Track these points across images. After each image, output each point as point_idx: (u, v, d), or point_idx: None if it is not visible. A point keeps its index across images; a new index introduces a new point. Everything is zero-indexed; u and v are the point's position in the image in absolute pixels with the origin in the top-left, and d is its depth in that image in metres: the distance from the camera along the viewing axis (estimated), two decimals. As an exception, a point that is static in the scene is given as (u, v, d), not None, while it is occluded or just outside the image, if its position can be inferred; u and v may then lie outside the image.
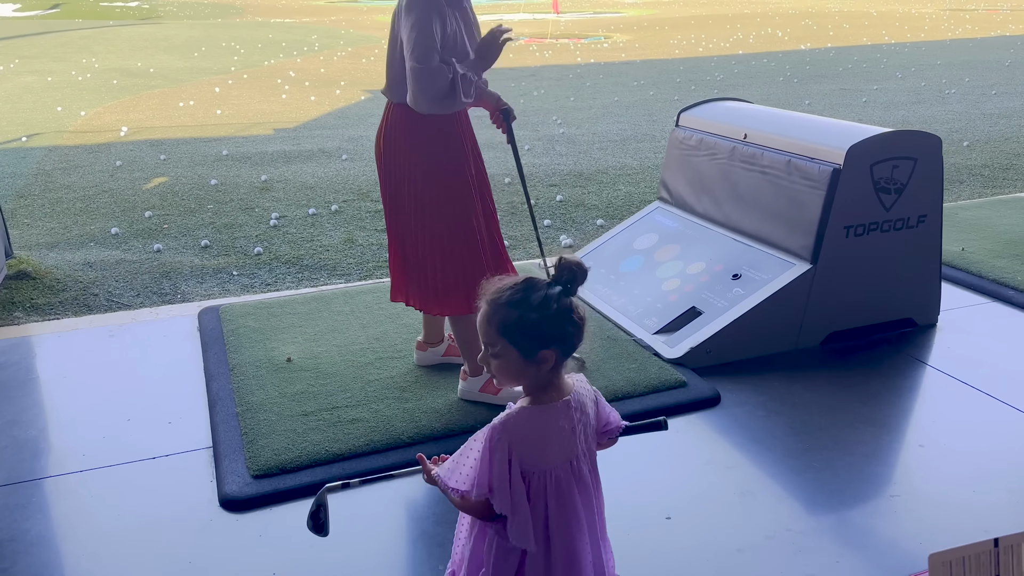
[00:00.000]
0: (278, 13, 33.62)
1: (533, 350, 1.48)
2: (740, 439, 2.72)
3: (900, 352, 3.28)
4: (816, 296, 3.20)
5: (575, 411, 1.54)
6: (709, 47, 18.50)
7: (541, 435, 1.51)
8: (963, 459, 2.56)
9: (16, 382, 3.17)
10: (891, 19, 26.43)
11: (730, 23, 25.67)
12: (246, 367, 3.15)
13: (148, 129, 8.85)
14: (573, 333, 1.50)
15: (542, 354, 1.48)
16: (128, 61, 15.82)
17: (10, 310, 3.88)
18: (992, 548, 1.01)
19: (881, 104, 10.06)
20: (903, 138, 3.19)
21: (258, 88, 12.34)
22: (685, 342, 3.19)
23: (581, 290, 1.53)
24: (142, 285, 4.26)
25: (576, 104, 10.73)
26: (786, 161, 3.29)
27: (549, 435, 1.51)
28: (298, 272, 4.46)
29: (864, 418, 2.80)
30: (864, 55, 16.14)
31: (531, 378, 1.52)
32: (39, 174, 6.73)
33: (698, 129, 3.86)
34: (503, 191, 6.08)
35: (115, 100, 11.05)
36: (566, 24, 26.85)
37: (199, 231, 5.20)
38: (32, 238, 5.05)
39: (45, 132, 8.65)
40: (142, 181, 6.51)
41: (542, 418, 1.51)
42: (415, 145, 2.67)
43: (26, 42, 19.98)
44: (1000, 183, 6.06)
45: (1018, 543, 1.01)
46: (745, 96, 10.73)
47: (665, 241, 3.84)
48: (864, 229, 3.18)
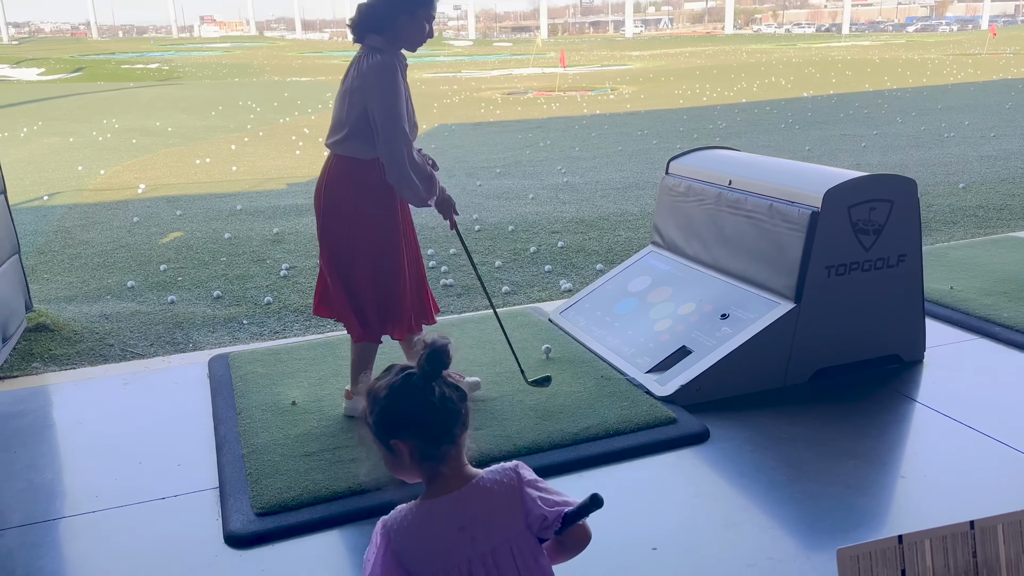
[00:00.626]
0: (294, 72, 34.57)
1: (386, 440, 1.38)
2: (727, 473, 2.80)
3: (886, 388, 3.37)
4: (801, 334, 3.31)
5: (467, 506, 1.37)
6: (713, 96, 18.85)
7: (423, 535, 1.37)
8: (945, 491, 2.63)
9: (34, 429, 3.31)
10: (894, 65, 26.83)
11: (734, 72, 26.15)
12: (253, 411, 3.28)
13: (165, 186, 9.15)
14: (432, 419, 1.35)
15: (394, 444, 1.36)
16: (147, 121, 16.34)
17: (29, 361, 4.05)
18: (897, 544, 1.10)
19: (880, 148, 10.24)
20: (879, 182, 3.33)
21: (273, 145, 12.71)
22: (675, 380, 3.29)
23: (579, 332, 1.54)
24: (156, 335, 4.42)
25: (581, 154, 10.99)
26: (768, 205, 3.43)
27: (431, 536, 1.36)
28: (306, 320, 4.61)
29: (848, 451, 2.88)
30: (866, 101, 16.41)
31: (409, 470, 1.39)
32: (59, 231, 6.98)
33: (686, 176, 4.02)
34: (506, 239, 6.26)
35: (134, 159, 11.42)
36: (574, 77, 27.44)
37: (212, 283, 5.38)
38: (51, 292, 5.25)
39: (66, 191, 8.96)
40: (158, 236, 6.74)
41: (420, 516, 1.38)
42: (355, 196, 2.96)
43: (50, 104, 20.68)
44: (994, 223, 6.16)
45: (921, 540, 1.09)
46: (747, 143, 10.97)
47: (658, 283, 3.96)
48: (845, 269, 3.30)
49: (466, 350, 3.78)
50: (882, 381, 3.42)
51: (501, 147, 11.94)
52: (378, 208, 2.98)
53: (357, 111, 2.87)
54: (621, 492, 2.67)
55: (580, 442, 2.96)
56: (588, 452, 2.90)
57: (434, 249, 5.98)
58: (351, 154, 2.92)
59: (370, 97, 2.82)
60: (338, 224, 3.00)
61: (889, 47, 42.07)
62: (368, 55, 2.88)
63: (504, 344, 3.84)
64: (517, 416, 3.14)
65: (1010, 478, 2.67)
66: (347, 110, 2.90)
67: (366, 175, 2.94)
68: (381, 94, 2.81)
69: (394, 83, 2.82)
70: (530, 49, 51.24)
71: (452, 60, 42.94)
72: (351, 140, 2.91)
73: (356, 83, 2.86)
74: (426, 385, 1.34)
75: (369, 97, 2.82)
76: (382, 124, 2.82)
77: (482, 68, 35.44)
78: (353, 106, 2.88)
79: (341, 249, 3.01)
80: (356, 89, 2.86)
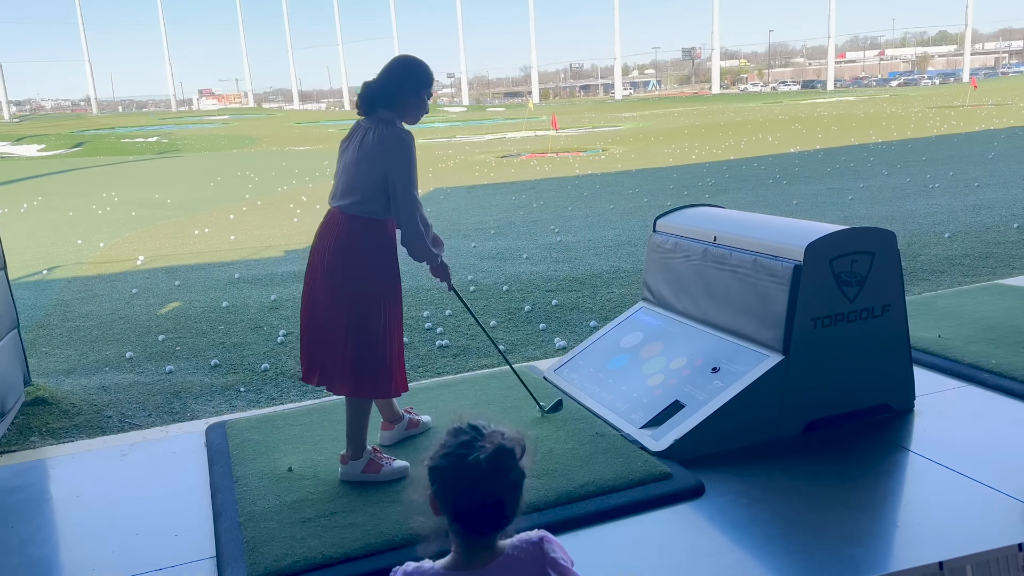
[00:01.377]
0: (292, 142, 35.21)
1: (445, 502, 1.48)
2: (723, 527, 2.81)
3: (878, 437, 3.39)
4: (791, 385, 3.35)
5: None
6: (701, 154, 19.22)
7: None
8: (940, 539, 2.64)
9: (31, 503, 3.31)
10: (878, 119, 27.41)
11: (722, 131, 26.69)
12: (249, 478, 3.29)
13: (164, 257, 9.27)
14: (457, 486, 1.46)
15: (430, 496, 1.48)
16: (147, 193, 16.60)
17: (27, 435, 4.07)
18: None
19: (866, 201, 10.42)
20: (859, 234, 3.42)
21: (271, 213, 12.90)
22: (669, 435, 3.32)
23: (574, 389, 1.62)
24: (154, 405, 4.45)
25: (573, 213, 11.17)
26: (752, 260, 3.51)
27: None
28: (302, 385, 4.64)
29: (843, 502, 2.89)
30: (851, 155, 16.74)
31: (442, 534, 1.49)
32: (58, 304, 7.06)
33: (673, 233, 4.11)
34: (501, 298, 6.33)
35: (133, 231, 11.58)
36: (566, 139, 28.00)
37: (209, 351, 5.43)
38: (50, 365, 5.29)
39: (66, 264, 9.08)
40: (157, 307, 6.81)
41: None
42: (370, 250, 3.10)
43: (50, 180, 21.01)
44: (979, 271, 6.26)
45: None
46: (736, 199, 11.16)
47: (649, 339, 4.02)
48: (831, 320, 3.36)
49: (462, 410, 3.80)
50: (874, 431, 3.45)
51: (495, 209, 12.13)
52: (390, 262, 3.17)
53: (376, 176, 3.05)
54: (618, 550, 2.68)
55: (576, 500, 2.97)
56: (584, 510, 2.91)
57: (429, 311, 6.05)
58: (367, 214, 3.08)
59: (392, 165, 3.04)
60: (352, 278, 3.09)
61: (873, 101, 43.03)
62: (379, 126, 3.09)
63: (500, 404, 3.88)
64: (513, 476, 3.15)
65: (1004, 523, 2.68)
66: (364, 174, 3.08)
67: (380, 233, 3.13)
68: (403, 164, 3.04)
69: (413, 153, 3.08)
70: (523, 113, 52.31)
71: (447, 126, 43.79)
72: (368, 202, 3.08)
73: (376, 151, 3.05)
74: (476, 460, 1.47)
75: (391, 165, 3.04)
76: (402, 191, 3.05)
77: (476, 132, 36.16)
78: (371, 171, 3.06)
79: (355, 302, 3.10)
80: (377, 156, 3.05)
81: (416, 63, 3.21)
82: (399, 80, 3.14)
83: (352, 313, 3.10)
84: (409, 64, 3.20)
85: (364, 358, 3.13)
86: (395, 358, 3.21)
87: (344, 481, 3.19)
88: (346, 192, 3.12)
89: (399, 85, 3.14)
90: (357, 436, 3.17)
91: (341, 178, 3.15)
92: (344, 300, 3.10)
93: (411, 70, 3.18)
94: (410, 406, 3.70)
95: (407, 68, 3.18)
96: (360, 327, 3.11)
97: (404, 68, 3.18)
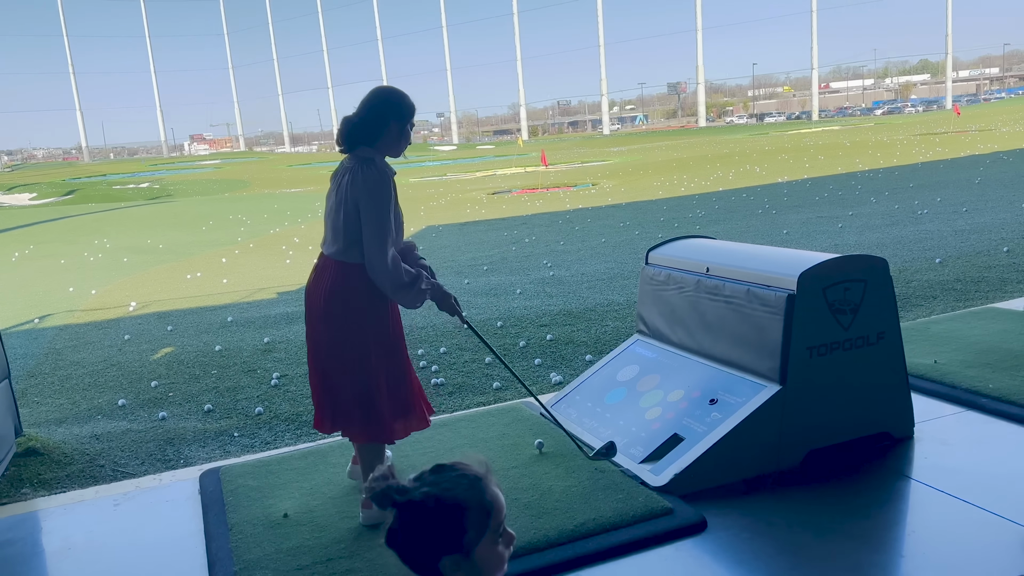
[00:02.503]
0: (283, 184, 35.39)
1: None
2: (726, 563, 2.77)
3: (879, 465, 3.36)
4: (790, 415, 3.33)
5: None
6: (690, 186, 19.38)
7: None
8: (944, 568, 2.60)
9: (21, 557, 3.24)
10: (864, 148, 27.74)
11: (710, 163, 26.95)
12: (244, 526, 3.24)
13: (156, 302, 9.23)
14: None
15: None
16: (138, 239, 16.59)
17: (18, 487, 4.00)
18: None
19: (856, 228, 10.49)
20: (851, 262, 3.43)
21: (263, 255, 12.89)
22: (669, 469, 3.28)
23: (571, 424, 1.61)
24: (147, 453, 4.39)
25: (566, 247, 11.20)
26: (745, 290, 3.51)
27: None
28: (297, 428, 4.60)
29: (846, 533, 2.85)
30: (839, 183, 16.90)
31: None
32: (50, 353, 7.00)
33: (665, 265, 4.12)
34: (496, 334, 6.31)
35: (125, 277, 11.55)
36: (556, 175, 28.20)
37: (203, 396, 5.38)
38: (41, 415, 5.23)
39: (57, 312, 9.02)
40: (149, 352, 6.76)
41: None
42: (363, 295, 3.05)
43: (41, 228, 21.01)
44: (972, 296, 6.28)
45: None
46: (726, 229, 11.22)
47: (646, 372, 4.00)
48: (827, 349, 3.35)
49: (459, 449, 3.77)
50: (874, 459, 3.42)
51: (487, 245, 12.17)
52: (380, 306, 3.11)
53: (352, 223, 3.00)
54: (620, 588, 2.63)
55: (577, 539, 2.93)
56: (585, 549, 2.87)
57: (424, 349, 6.02)
58: (353, 259, 3.04)
59: (364, 207, 2.97)
60: (346, 324, 3.06)
61: (858, 130, 43.59)
62: (357, 167, 3.02)
63: (497, 442, 3.84)
64: (512, 515, 3.09)
65: (1007, 549, 2.65)
66: (343, 221, 3.03)
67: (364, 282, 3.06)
68: (374, 205, 2.96)
69: (387, 195, 2.99)
70: (512, 150, 52.77)
71: (438, 164, 44.12)
72: (350, 249, 3.03)
73: (351, 195, 2.99)
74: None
75: (363, 207, 2.97)
76: (368, 233, 2.97)
77: (466, 170, 36.43)
78: (348, 218, 3.01)
79: (350, 347, 3.06)
80: (351, 201, 2.99)
81: (396, 94, 3.09)
82: (380, 113, 3.04)
83: (347, 358, 3.08)
84: (389, 96, 3.08)
85: (365, 402, 3.10)
86: (390, 402, 3.15)
87: (365, 526, 3.10)
88: (332, 239, 3.10)
89: (380, 119, 3.04)
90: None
91: (327, 223, 3.14)
92: (341, 345, 3.08)
93: (391, 102, 3.06)
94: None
95: (387, 100, 3.06)
96: (358, 371, 3.09)
97: (384, 100, 3.06)
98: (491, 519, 1.49)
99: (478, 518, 1.48)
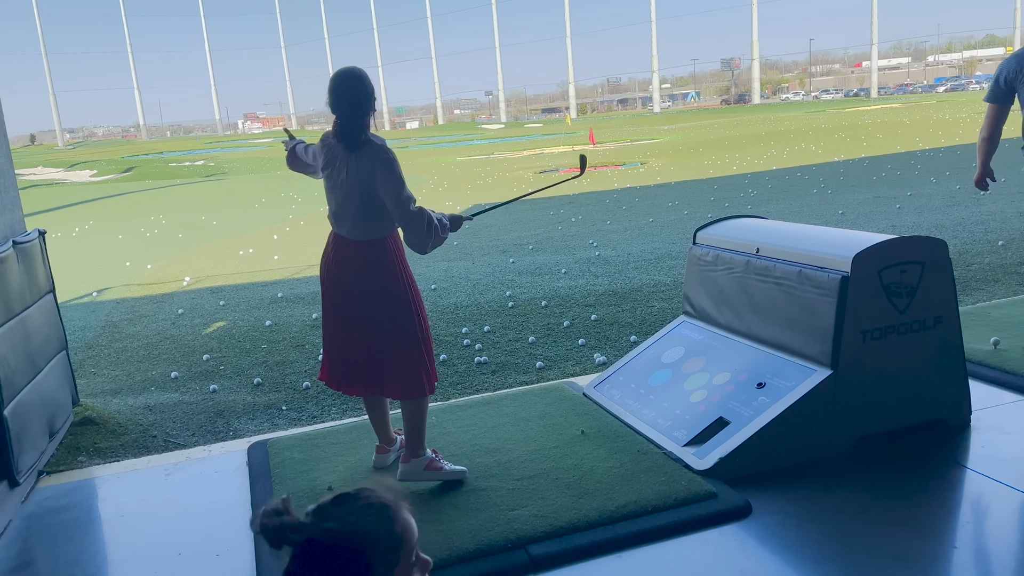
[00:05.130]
0: (332, 162, 35.65)
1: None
2: (772, 548, 2.72)
3: (933, 454, 3.26)
4: (841, 401, 3.24)
5: None
6: (743, 165, 18.99)
7: None
8: (1000, 561, 2.51)
9: (77, 523, 3.36)
10: (925, 126, 26.82)
11: (763, 141, 26.36)
12: (290, 497, 3.29)
13: (209, 277, 9.42)
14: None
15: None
16: (193, 216, 16.95)
17: (75, 455, 4.13)
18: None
19: (914, 209, 10.16)
20: (909, 243, 3.31)
21: (313, 233, 13.05)
22: (714, 453, 3.23)
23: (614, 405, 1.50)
24: (197, 425, 4.50)
25: (612, 227, 11.09)
26: (797, 272, 3.42)
27: None
28: (343, 403, 4.65)
29: (897, 521, 2.77)
30: (898, 163, 16.38)
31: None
32: (107, 325, 7.21)
33: (714, 245, 4.04)
34: (540, 314, 6.29)
35: (180, 253, 11.82)
36: (604, 153, 27.90)
37: (252, 370, 5.48)
38: (98, 386, 5.39)
39: (115, 286, 9.28)
40: (202, 327, 6.91)
41: None
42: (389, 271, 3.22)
43: (101, 204, 21.61)
44: (1037, 279, 6.03)
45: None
46: (779, 209, 10.98)
47: (691, 354, 3.94)
48: (881, 333, 3.25)
49: (501, 428, 3.78)
50: (928, 447, 3.31)
51: (533, 224, 12.11)
52: (406, 270, 3.30)
53: (372, 202, 3.16)
54: (663, 573, 2.60)
55: (618, 520, 2.91)
56: (626, 531, 2.84)
57: (468, 327, 6.03)
58: (375, 236, 3.22)
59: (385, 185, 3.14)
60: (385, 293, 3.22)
61: (919, 108, 42.15)
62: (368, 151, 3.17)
63: (540, 421, 3.83)
64: (553, 495, 3.10)
65: (1071, 545, 2.55)
66: (365, 202, 3.17)
67: (394, 248, 3.27)
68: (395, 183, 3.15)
69: (397, 165, 3.18)
70: (560, 128, 52.42)
71: (485, 143, 44.03)
72: (377, 225, 3.22)
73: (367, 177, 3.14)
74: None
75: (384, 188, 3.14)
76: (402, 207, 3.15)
77: (514, 149, 36.25)
78: (368, 197, 3.16)
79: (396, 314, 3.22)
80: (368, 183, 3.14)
81: (358, 74, 3.18)
82: (362, 98, 3.14)
83: (401, 326, 3.23)
84: (356, 78, 3.16)
85: (412, 361, 3.25)
86: (430, 354, 3.35)
87: (402, 481, 3.23)
88: (354, 223, 3.22)
89: (365, 102, 3.15)
90: (419, 434, 3.28)
91: (340, 206, 3.25)
92: (386, 315, 3.23)
93: (363, 82, 3.16)
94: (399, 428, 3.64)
95: (360, 82, 3.16)
96: (405, 334, 3.24)
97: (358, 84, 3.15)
98: (401, 552, 1.35)
99: (386, 553, 1.33)
